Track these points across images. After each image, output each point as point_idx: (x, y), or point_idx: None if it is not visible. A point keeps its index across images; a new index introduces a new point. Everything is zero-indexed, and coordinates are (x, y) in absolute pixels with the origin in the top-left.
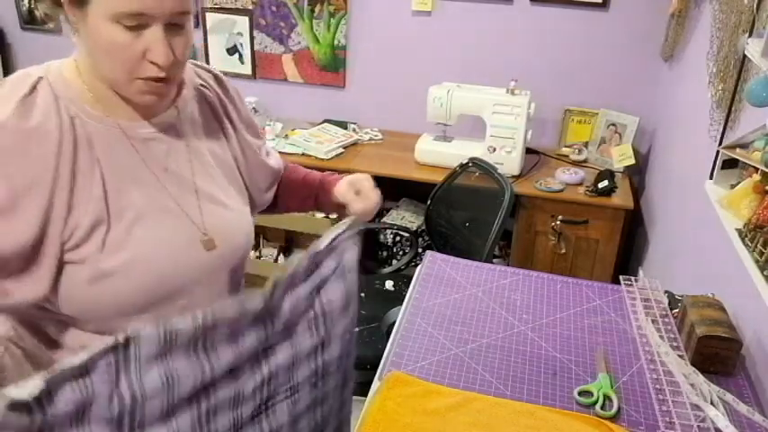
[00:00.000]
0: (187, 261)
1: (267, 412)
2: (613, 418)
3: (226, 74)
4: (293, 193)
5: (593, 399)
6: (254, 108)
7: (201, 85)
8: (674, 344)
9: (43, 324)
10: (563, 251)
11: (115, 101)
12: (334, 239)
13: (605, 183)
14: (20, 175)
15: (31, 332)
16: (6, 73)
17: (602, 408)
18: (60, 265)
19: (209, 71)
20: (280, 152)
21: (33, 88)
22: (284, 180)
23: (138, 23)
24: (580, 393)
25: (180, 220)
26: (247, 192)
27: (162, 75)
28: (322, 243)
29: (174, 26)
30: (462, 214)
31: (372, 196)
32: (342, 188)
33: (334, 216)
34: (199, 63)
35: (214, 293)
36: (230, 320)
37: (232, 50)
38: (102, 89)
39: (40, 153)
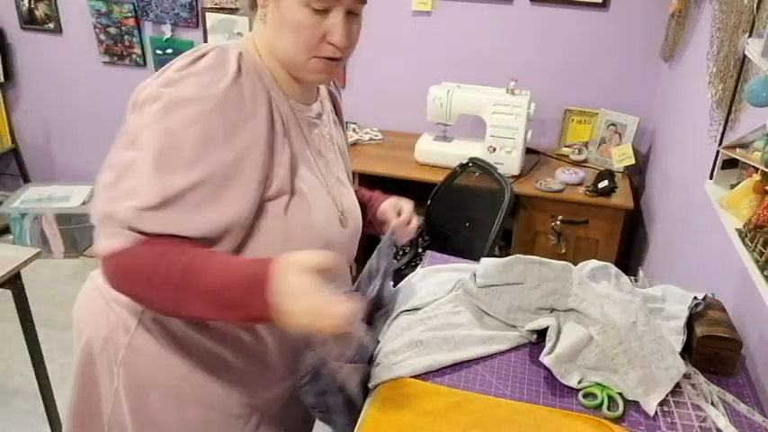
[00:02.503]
0: (336, 235)
1: None
2: (619, 420)
3: None
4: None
5: (598, 401)
6: None
7: (328, 84)
8: None
9: None
10: (563, 251)
11: (289, 83)
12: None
13: (605, 183)
14: (241, 141)
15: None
16: (6, 73)
17: (609, 409)
18: (253, 224)
19: None
20: None
21: (239, 65)
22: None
23: (324, 7)
24: (584, 396)
25: (329, 198)
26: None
27: (337, 55)
28: (373, 263)
29: (351, 14)
30: (462, 214)
31: (410, 219)
32: (385, 206)
33: None
34: None
35: (344, 264)
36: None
37: None
38: (280, 71)
39: (255, 122)
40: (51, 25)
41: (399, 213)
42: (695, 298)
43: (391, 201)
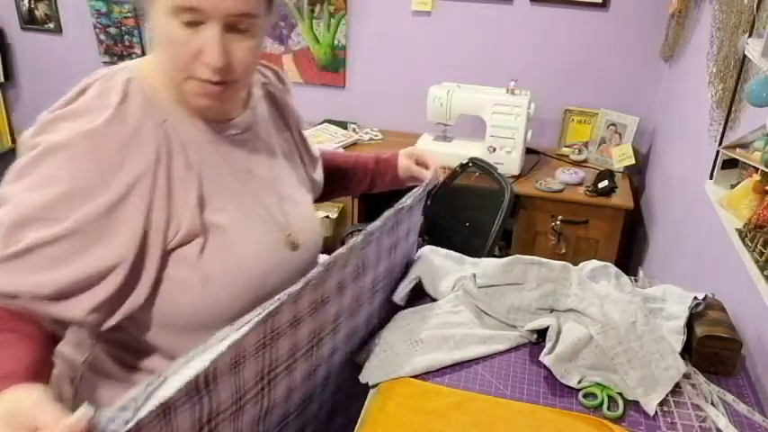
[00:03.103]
0: (278, 263)
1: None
2: (619, 420)
3: None
4: (350, 178)
5: (598, 401)
6: None
7: (265, 83)
8: None
9: (119, 347)
10: (563, 251)
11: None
12: (411, 201)
13: (605, 183)
14: (120, 184)
15: (109, 355)
16: (6, 73)
17: (609, 409)
18: (159, 276)
19: (271, 68)
20: None
21: (125, 93)
22: (335, 166)
23: (193, 19)
24: (584, 396)
25: (267, 223)
26: (309, 183)
27: (216, 78)
28: (406, 202)
29: (235, 29)
30: (462, 214)
31: (433, 161)
32: (404, 163)
33: (334, 216)
34: (262, 61)
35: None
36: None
37: None
38: (176, 91)
39: (138, 160)
40: (51, 25)
41: (418, 162)
42: (695, 298)
43: (404, 154)
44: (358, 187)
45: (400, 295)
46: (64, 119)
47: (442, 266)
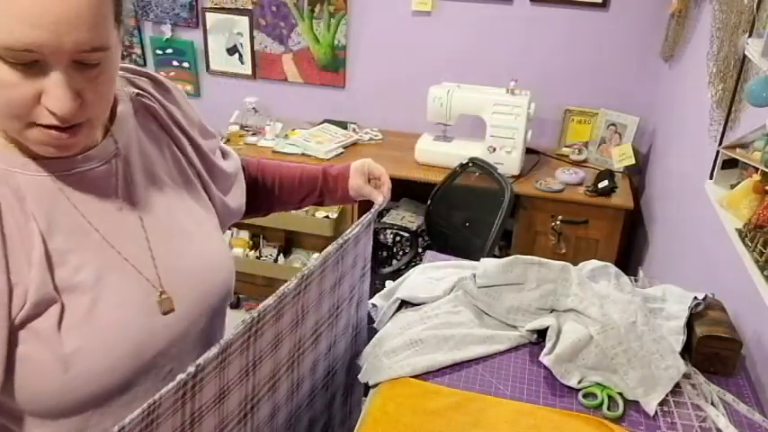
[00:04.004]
0: (150, 331)
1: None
2: (619, 420)
3: (226, 74)
4: (293, 192)
5: (598, 401)
6: (254, 108)
7: (139, 95)
8: None
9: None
10: (563, 251)
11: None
12: (358, 230)
13: (605, 183)
14: None
15: None
16: None
17: (609, 409)
18: (11, 357)
19: (146, 75)
20: (280, 152)
21: None
22: (274, 178)
23: (29, 60)
24: (584, 396)
25: (133, 281)
26: (213, 205)
27: (64, 124)
28: (350, 234)
29: (83, 64)
30: (462, 214)
31: (386, 179)
32: (356, 183)
33: (334, 216)
34: (131, 67)
35: (200, 347)
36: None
37: (232, 50)
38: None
39: None
40: None
41: (369, 180)
42: (695, 298)
43: (356, 169)
44: (302, 202)
45: (384, 321)
46: None
47: (434, 277)
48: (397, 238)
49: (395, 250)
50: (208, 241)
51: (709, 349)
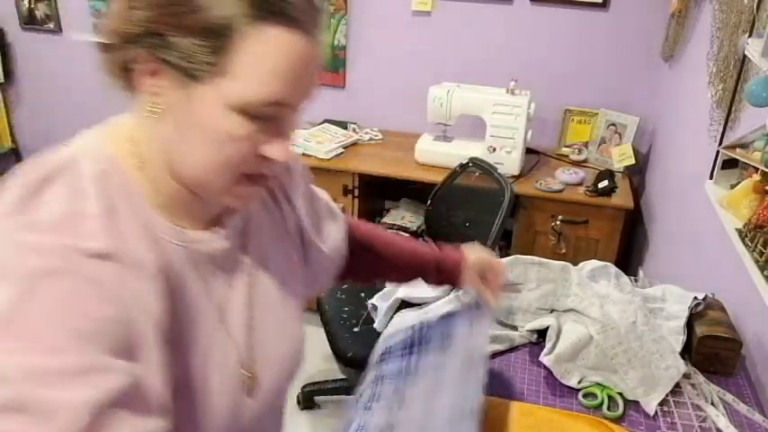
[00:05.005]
0: (233, 410)
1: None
2: (619, 420)
3: None
4: (397, 270)
5: (598, 401)
6: None
7: None
8: None
9: None
10: (563, 251)
11: (181, 201)
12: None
13: (605, 183)
14: (129, 329)
15: None
16: (6, 73)
17: (609, 409)
18: None
19: None
20: None
21: (106, 195)
22: (384, 252)
23: (272, 114)
24: (584, 396)
25: (231, 358)
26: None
27: (273, 173)
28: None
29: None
30: (462, 214)
31: (497, 279)
32: (473, 279)
33: None
34: None
35: (270, 417)
36: None
37: None
38: (169, 185)
39: (138, 292)
40: (51, 25)
41: (484, 276)
42: (695, 298)
43: (474, 264)
44: (403, 279)
45: (383, 323)
46: (28, 242)
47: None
48: None
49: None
50: (296, 321)
51: (709, 349)
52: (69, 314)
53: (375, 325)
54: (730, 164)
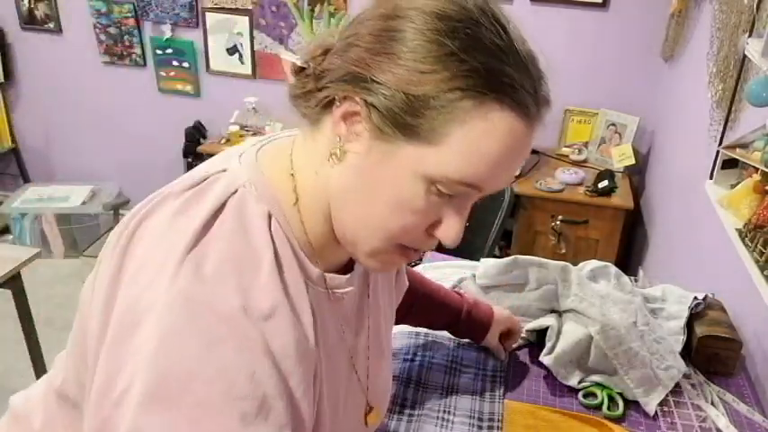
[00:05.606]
0: None
1: None
2: (619, 420)
3: (225, 74)
4: (427, 316)
5: (598, 401)
6: (254, 108)
7: None
8: None
9: None
10: (563, 251)
11: (325, 245)
12: None
13: (605, 183)
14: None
15: None
16: (6, 73)
17: (609, 409)
18: None
19: None
20: None
21: (273, 242)
22: (417, 298)
23: (457, 192)
24: (584, 396)
25: (357, 394)
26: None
27: (429, 249)
28: None
29: None
30: None
31: (513, 338)
32: (493, 335)
33: None
34: None
35: None
36: None
37: (232, 50)
38: (318, 228)
39: (300, 339)
40: (51, 25)
41: (504, 333)
42: (695, 298)
43: (500, 323)
44: (430, 326)
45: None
46: (219, 274)
47: (434, 277)
48: None
49: None
50: (391, 352)
51: (709, 349)
52: (237, 381)
53: None
54: (730, 164)
